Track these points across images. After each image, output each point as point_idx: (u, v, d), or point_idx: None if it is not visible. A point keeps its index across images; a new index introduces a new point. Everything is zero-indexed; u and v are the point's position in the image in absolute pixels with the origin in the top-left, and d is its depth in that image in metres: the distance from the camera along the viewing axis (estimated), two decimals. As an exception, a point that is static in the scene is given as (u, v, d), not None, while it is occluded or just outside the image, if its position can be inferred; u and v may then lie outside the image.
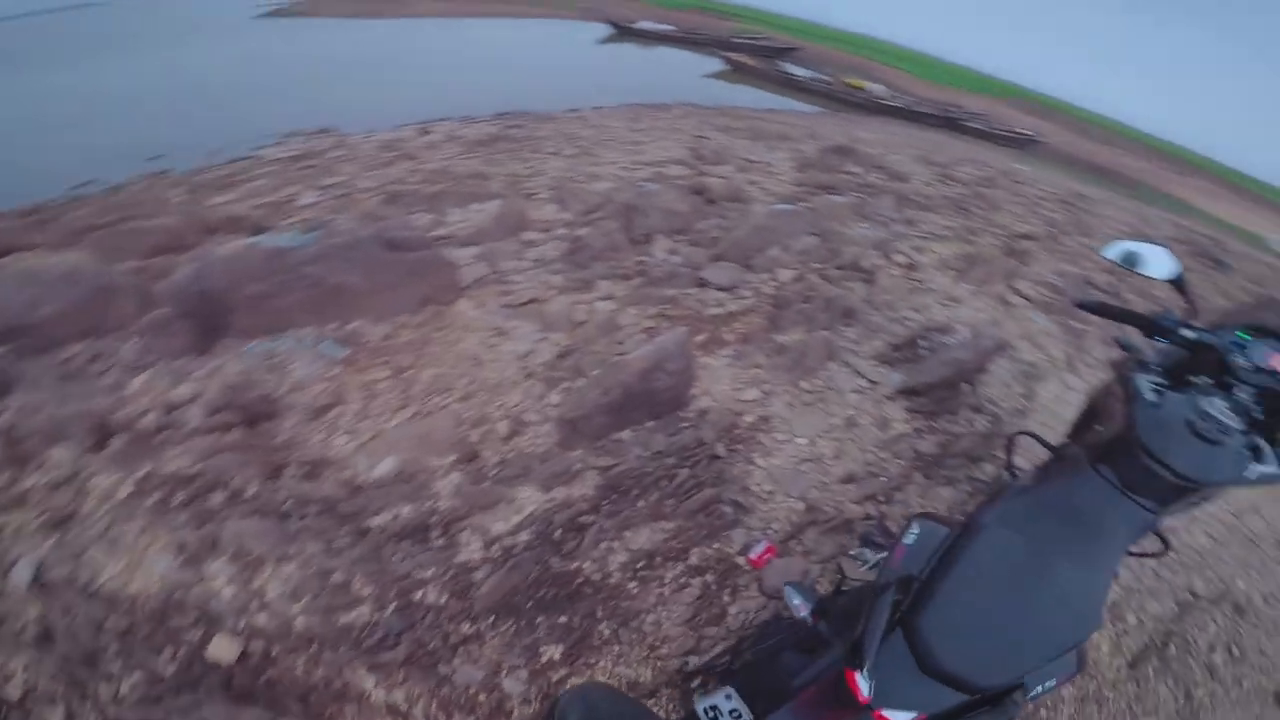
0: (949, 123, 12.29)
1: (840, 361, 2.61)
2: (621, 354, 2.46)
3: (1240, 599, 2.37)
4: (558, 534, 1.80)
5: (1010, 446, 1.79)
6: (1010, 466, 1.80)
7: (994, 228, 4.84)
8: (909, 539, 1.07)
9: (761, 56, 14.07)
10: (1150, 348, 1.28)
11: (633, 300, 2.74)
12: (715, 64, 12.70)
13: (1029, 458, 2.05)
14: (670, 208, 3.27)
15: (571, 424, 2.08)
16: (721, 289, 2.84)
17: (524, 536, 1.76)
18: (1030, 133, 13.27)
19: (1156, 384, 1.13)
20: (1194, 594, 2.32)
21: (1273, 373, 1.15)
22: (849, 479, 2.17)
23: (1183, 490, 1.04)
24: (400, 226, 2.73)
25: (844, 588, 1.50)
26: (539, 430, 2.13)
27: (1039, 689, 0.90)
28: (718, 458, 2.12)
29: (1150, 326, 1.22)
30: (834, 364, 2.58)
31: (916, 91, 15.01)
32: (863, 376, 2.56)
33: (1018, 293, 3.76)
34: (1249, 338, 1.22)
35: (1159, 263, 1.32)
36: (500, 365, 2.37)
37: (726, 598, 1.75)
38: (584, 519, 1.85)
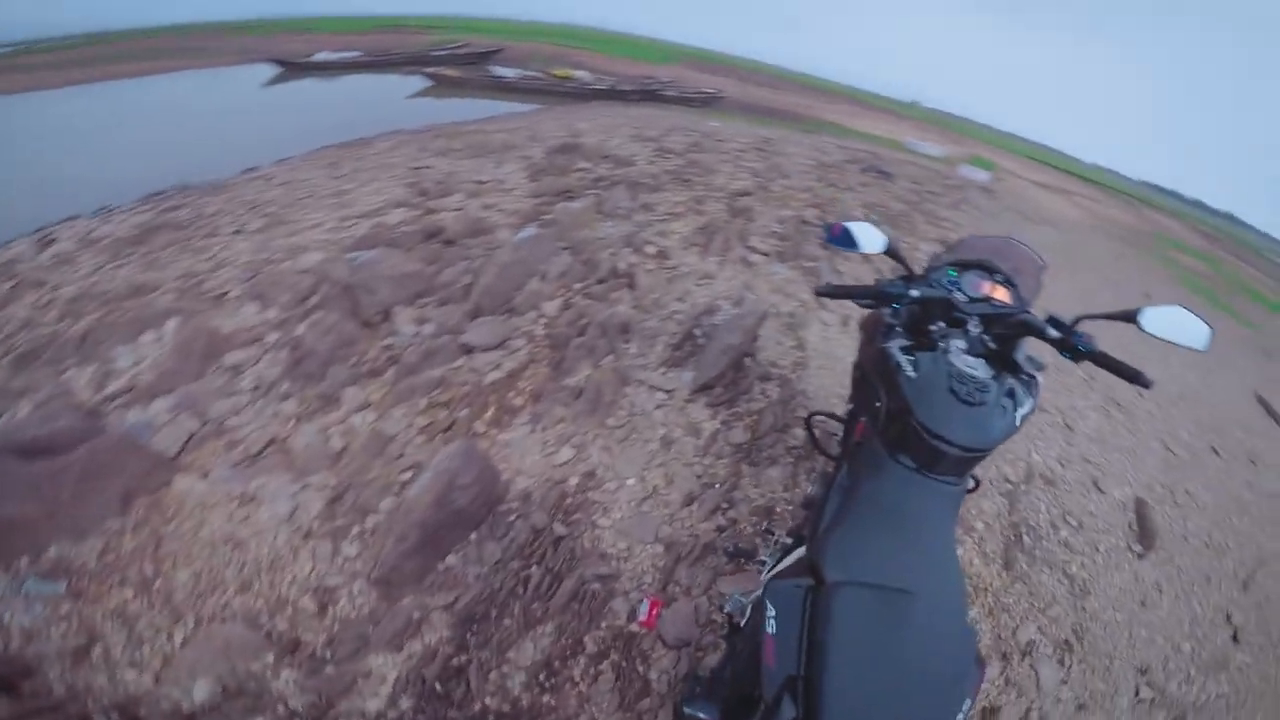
0: (649, 95, 13.24)
1: (634, 383, 2.52)
2: (406, 467, 2.08)
3: (1045, 472, 2.84)
4: (438, 686, 1.60)
5: (810, 429, 1.86)
6: (818, 447, 1.88)
7: (715, 192, 5.24)
8: (770, 626, 0.98)
9: (465, 64, 13.57)
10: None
11: (394, 400, 2.32)
12: (417, 82, 11.83)
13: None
14: (400, 270, 2.84)
15: (384, 579, 1.75)
16: (491, 348, 2.55)
17: (406, 703, 1.59)
18: (714, 90, 14.93)
19: (907, 348, 1.20)
20: (1010, 481, 2.68)
21: (986, 299, 1.30)
22: (689, 500, 2.13)
23: (973, 459, 1.11)
24: (40, 415, 1.93)
25: (737, 622, 1.43)
26: (352, 591, 1.79)
27: (961, 718, 0.87)
28: (561, 538, 1.94)
29: (882, 297, 1.28)
30: (629, 388, 2.49)
31: (616, 70, 15.88)
32: (659, 389, 2.52)
33: (755, 250, 4.10)
34: (957, 274, 1.36)
35: (870, 239, 1.40)
36: (266, 537, 1.89)
37: (641, 668, 1.69)
38: (457, 661, 1.65)
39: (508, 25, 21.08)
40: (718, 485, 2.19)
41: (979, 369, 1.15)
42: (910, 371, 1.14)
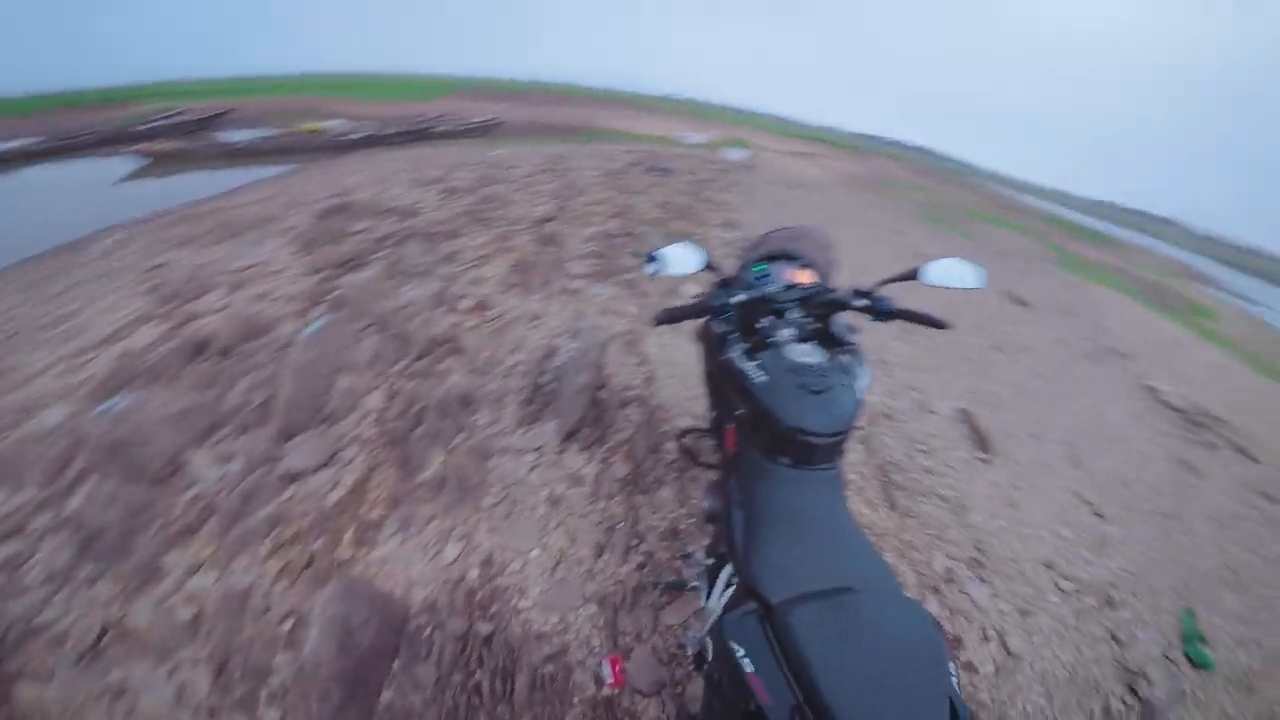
0: (420, 135, 12.67)
1: (497, 454, 2.36)
2: (282, 617, 1.77)
3: (882, 410, 3.14)
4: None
5: (684, 446, 1.89)
6: (697, 461, 1.92)
7: (518, 223, 5.17)
8: (748, 665, 0.96)
9: (186, 134, 11.70)
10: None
11: (228, 553, 1.90)
12: (126, 163, 9.74)
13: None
14: (172, 407, 2.33)
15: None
16: (321, 467, 2.20)
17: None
18: (490, 117, 14.77)
19: (746, 351, 1.28)
20: (859, 427, 2.89)
21: (796, 285, 1.40)
22: (600, 550, 2.06)
23: (840, 441, 1.20)
24: None
25: (700, 651, 1.40)
26: (303, 754, 1.50)
27: (954, 683, 0.89)
28: (490, 636, 1.78)
29: (711, 310, 1.34)
30: (494, 460, 2.33)
31: (375, 114, 14.88)
32: (526, 451, 2.39)
33: (574, 276, 4.11)
34: (765, 267, 1.47)
35: (686, 260, 1.44)
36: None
37: (634, 725, 1.64)
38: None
39: (229, 84, 18.62)
40: (620, 525, 2.15)
41: (813, 355, 1.24)
42: (758, 377, 1.21)
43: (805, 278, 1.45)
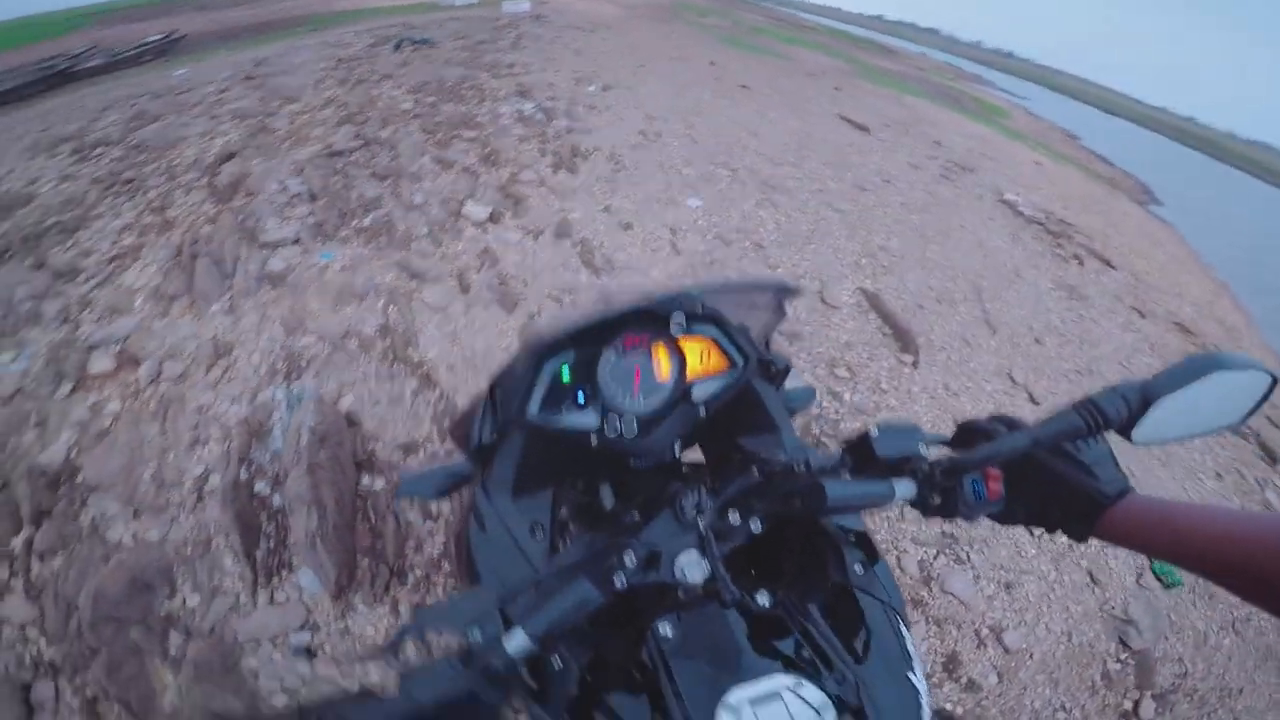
0: (59, 78, 8.86)
1: (247, 648, 1.08)
2: None
3: (789, 322, 2.39)
4: None
5: None
6: None
7: (183, 175, 3.27)
8: None
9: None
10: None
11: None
12: None
13: None
14: None
15: None
16: None
17: None
18: (165, 34, 10.81)
19: None
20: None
21: (683, 396, 0.62)
22: None
23: None
24: None
25: None
26: None
27: None
28: None
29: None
30: (247, 659, 1.06)
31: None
32: (289, 631, 1.11)
33: (273, 245, 2.53)
34: (572, 377, 0.59)
35: None
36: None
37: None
38: None
39: None
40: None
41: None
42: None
43: (701, 364, 0.62)
